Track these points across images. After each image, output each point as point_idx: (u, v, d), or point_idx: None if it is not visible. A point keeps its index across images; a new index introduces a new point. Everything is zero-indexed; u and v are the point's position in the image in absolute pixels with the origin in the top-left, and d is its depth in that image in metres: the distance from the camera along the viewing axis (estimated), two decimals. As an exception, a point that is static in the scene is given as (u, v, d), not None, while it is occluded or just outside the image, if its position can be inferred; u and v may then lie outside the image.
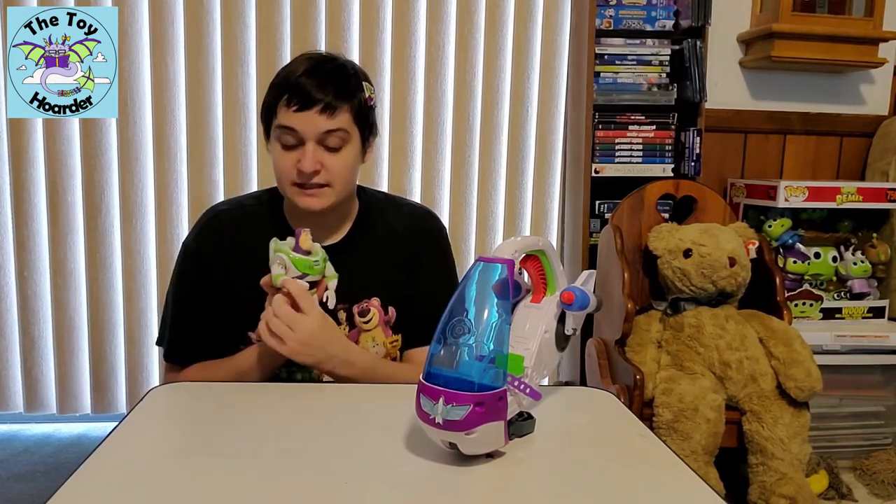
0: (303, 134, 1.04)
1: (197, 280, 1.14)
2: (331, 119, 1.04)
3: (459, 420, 0.69)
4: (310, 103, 1.03)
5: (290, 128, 1.04)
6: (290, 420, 0.88)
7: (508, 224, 2.28)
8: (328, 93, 1.04)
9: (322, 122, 1.04)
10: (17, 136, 2.07)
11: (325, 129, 1.04)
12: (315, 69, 1.06)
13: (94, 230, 2.13)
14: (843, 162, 2.41)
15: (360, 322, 1.15)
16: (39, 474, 1.98)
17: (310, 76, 1.04)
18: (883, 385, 2.12)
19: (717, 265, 1.75)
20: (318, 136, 1.04)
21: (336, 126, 1.05)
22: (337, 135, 1.06)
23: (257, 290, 1.01)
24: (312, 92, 1.03)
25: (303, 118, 1.03)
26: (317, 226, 1.15)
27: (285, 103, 1.04)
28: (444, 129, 2.21)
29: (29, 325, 2.17)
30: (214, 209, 1.19)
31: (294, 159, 1.05)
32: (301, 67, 1.06)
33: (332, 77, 1.06)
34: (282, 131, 1.05)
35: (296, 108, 1.03)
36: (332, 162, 1.06)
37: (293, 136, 1.05)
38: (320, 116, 1.03)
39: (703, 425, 1.58)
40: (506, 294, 0.72)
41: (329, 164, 1.06)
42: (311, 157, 1.04)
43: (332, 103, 1.04)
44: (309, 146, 1.05)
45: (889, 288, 2.19)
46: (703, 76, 2.12)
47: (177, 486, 0.70)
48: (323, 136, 1.05)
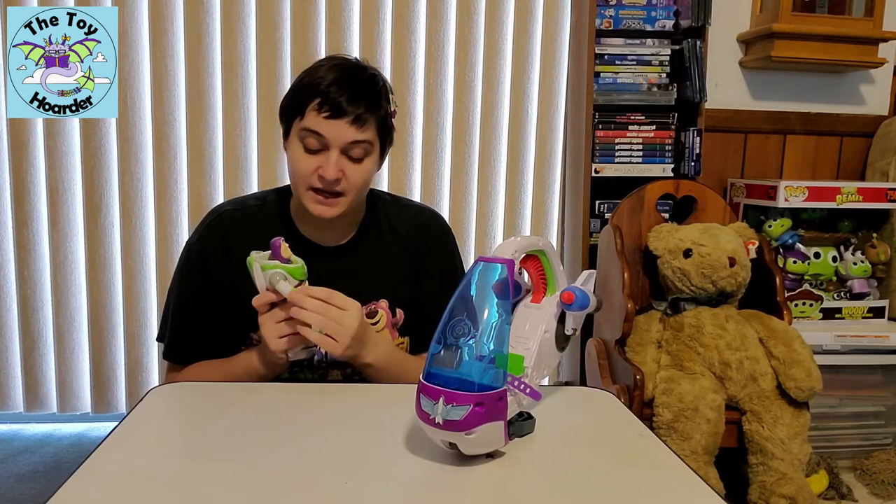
0: (330, 141, 1.04)
1: (200, 281, 1.14)
2: (359, 131, 1.05)
3: (459, 420, 0.69)
4: (341, 113, 1.03)
5: (318, 133, 1.04)
6: (291, 420, 0.88)
7: (508, 224, 2.28)
8: (360, 105, 1.04)
9: (351, 132, 1.04)
10: (17, 136, 2.07)
11: (353, 139, 1.05)
12: (347, 78, 1.06)
13: (95, 230, 2.13)
14: (843, 162, 2.40)
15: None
16: (39, 474, 1.98)
17: (342, 86, 1.04)
18: (883, 385, 2.12)
19: (717, 265, 1.75)
20: (344, 146, 1.05)
21: (363, 138, 1.05)
22: (362, 146, 1.06)
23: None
24: (345, 102, 1.03)
25: (332, 126, 1.04)
26: (324, 228, 1.16)
27: (315, 108, 1.04)
28: (444, 129, 2.21)
29: (29, 325, 2.17)
30: (218, 210, 1.19)
31: (315, 164, 1.06)
32: (332, 75, 1.05)
33: (365, 89, 1.07)
34: (307, 134, 1.05)
35: (326, 115, 1.03)
36: (353, 171, 1.07)
37: (319, 140, 1.05)
38: (350, 127, 1.04)
39: (703, 425, 1.58)
40: (506, 294, 0.72)
41: (350, 173, 1.06)
42: (334, 165, 1.04)
43: (363, 116, 1.04)
44: (333, 153, 1.05)
45: (889, 288, 2.19)
46: (703, 76, 2.12)
47: (177, 486, 0.70)
48: (349, 147, 1.05)
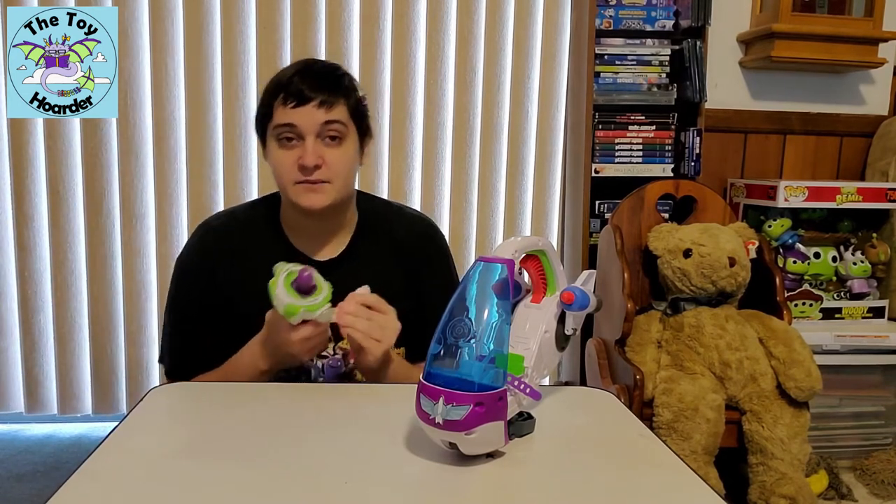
0: (302, 128, 1.05)
1: (196, 296, 1.14)
2: (328, 112, 1.06)
3: (459, 420, 0.69)
4: (306, 99, 1.05)
5: (289, 124, 1.06)
6: (291, 420, 0.88)
7: (508, 224, 2.28)
8: (324, 89, 1.06)
9: (320, 115, 1.05)
10: (17, 136, 2.07)
11: (324, 120, 1.06)
12: (307, 69, 1.09)
13: (95, 230, 2.13)
14: (843, 162, 2.41)
15: None
16: (39, 474, 1.98)
17: (303, 75, 1.07)
18: (883, 385, 2.12)
19: (717, 265, 1.75)
20: (317, 129, 1.06)
21: (334, 118, 1.06)
22: (335, 127, 1.07)
23: (257, 301, 1.00)
24: (307, 89, 1.05)
25: (301, 113, 1.05)
26: (316, 236, 1.15)
27: (282, 102, 1.06)
28: (444, 129, 2.21)
29: (30, 326, 2.17)
30: (207, 224, 1.19)
31: (294, 156, 1.06)
32: (292, 70, 1.08)
33: (326, 75, 1.09)
34: (280, 129, 1.07)
35: (293, 104, 1.05)
36: (333, 156, 1.07)
37: (292, 131, 1.06)
38: (318, 110, 1.05)
39: (703, 425, 1.58)
40: (506, 294, 0.72)
41: (329, 158, 1.07)
42: (311, 151, 1.05)
43: (329, 98, 1.06)
44: (309, 140, 1.06)
45: (889, 288, 2.19)
46: (703, 76, 2.12)
47: (177, 486, 0.70)
48: (321, 129, 1.06)
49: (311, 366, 1.13)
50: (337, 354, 1.14)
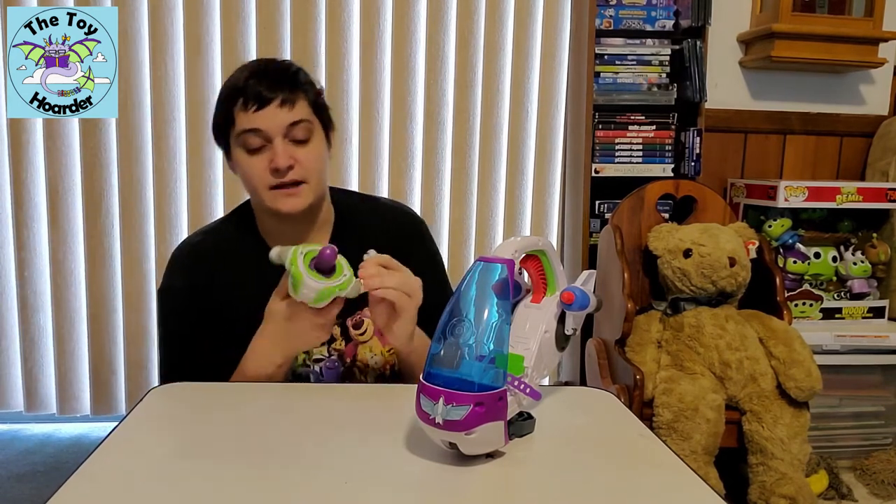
0: (268, 131, 1.03)
1: (188, 316, 1.11)
2: (292, 111, 1.04)
3: (459, 420, 0.69)
4: (267, 101, 1.02)
5: (254, 129, 1.03)
6: (291, 420, 0.88)
7: (508, 224, 2.28)
8: (283, 87, 1.04)
9: (284, 115, 1.03)
10: (17, 136, 2.07)
11: (290, 121, 1.04)
12: (260, 71, 1.06)
13: (94, 230, 2.13)
14: (843, 162, 2.41)
15: (355, 335, 1.13)
16: (39, 474, 1.98)
17: (258, 77, 1.04)
18: (883, 385, 2.12)
19: (717, 265, 1.75)
20: (283, 131, 1.04)
21: (299, 117, 1.05)
22: (302, 126, 1.05)
23: (245, 311, 1.00)
24: (266, 90, 1.03)
25: (265, 115, 1.03)
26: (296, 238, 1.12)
27: (242, 108, 1.03)
28: (444, 129, 2.21)
29: (29, 326, 2.17)
30: (187, 243, 1.17)
31: (265, 161, 1.04)
32: (244, 73, 1.05)
33: (281, 74, 1.07)
34: (246, 136, 1.04)
35: (255, 108, 1.02)
36: (304, 156, 1.05)
37: (259, 136, 1.04)
38: (281, 110, 1.03)
39: (703, 425, 1.58)
40: (506, 294, 0.71)
41: (301, 158, 1.05)
42: (282, 152, 1.03)
43: (289, 96, 1.04)
44: (277, 142, 1.03)
45: (889, 288, 2.19)
46: (703, 76, 2.12)
47: (177, 486, 0.70)
48: (288, 130, 1.04)
49: (310, 371, 1.12)
50: (333, 356, 1.14)
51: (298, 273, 0.89)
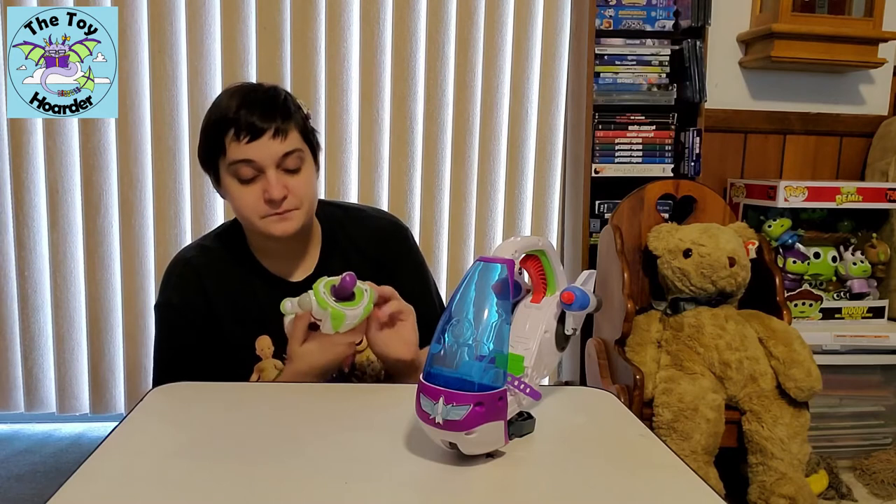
0: (261, 163, 1.04)
1: (188, 331, 1.12)
2: (284, 141, 1.04)
3: (459, 420, 0.69)
4: (260, 132, 1.03)
5: (247, 160, 1.04)
6: (291, 420, 0.88)
7: (508, 224, 2.28)
8: (274, 117, 1.04)
9: (277, 146, 1.04)
10: (17, 136, 2.07)
11: (283, 152, 1.04)
12: (249, 100, 1.05)
13: (94, 230, 2.13)
14: (843, 162, 2.41)
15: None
16: (39, 474, 1.98)
17: (249, 107, 1.04)
18: (883, 385, 2.12)
19: (717, 265, 1.75)
20: (276, 161, 1.04)
21: (291, 147, 1.05)
22: (294, 156, 1.06)
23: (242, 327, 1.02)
24: (258, 120, 1.03)
25: (258, 147, 1.03)
26: (288, 257, 1.14)
27: (234, 138, 1.03)
28: (444, 129, 2.21)
29: (29, 325, 2.17)
30: (184, 258, 1.17)
31: (258, 191, 1.05)
32: (235, 101, 1.05)
33: (271, 103, 1.06)
34: (238, 166, 1.04)
35: (247, 139, 1.03)
36: (296, 184, 1.07)
37: (251, 167, 1.04)
38: (274, 141, 1.03)
39: (702, 425, 1.58)
40: (506, 294, 0.71)
41: (293, 186, 1.06)
42: (276, 183, 1.04)
43: (281, 127, 1.04)
44: (270, 173, 1.04)
45: (889, 288, 2.19)
46: (703, 76, 2.12)
47: (177, 486, 0.70)
48: (281, 160, 1.05)
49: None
50: None
51: (339, 313, 0.94)
